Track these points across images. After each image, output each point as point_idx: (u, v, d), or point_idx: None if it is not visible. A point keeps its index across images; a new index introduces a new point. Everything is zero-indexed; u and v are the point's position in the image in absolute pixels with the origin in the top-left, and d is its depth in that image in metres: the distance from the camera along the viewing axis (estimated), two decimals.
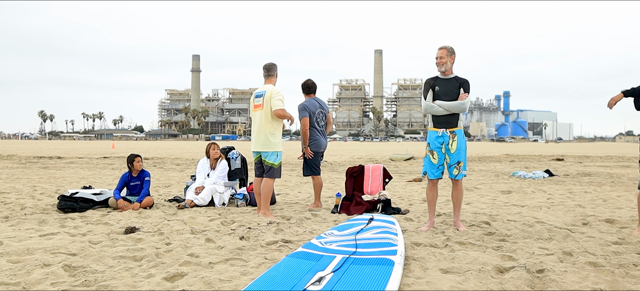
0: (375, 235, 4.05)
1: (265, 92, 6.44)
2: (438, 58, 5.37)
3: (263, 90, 6.50)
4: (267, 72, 6.61)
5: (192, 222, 5.99)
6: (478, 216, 6.28)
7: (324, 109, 7.36)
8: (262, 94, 6.47)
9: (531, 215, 6.43)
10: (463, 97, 5.37)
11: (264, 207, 6.42)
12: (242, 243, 4.84)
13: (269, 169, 6.43)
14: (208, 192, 7.33)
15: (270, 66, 6.66)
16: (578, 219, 6.13)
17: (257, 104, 6.52)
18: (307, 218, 6.22)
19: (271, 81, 6.59)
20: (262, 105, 6.42)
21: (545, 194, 8.84)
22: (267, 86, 6.54)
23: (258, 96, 6.54)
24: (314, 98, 7.35)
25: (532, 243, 4.71)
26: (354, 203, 6.73)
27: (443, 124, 5.37)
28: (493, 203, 7.62)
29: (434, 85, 5.42)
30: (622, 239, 4.89)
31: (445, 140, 5.38)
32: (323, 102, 7.44)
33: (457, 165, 5.40)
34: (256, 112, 6.54)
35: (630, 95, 5.18)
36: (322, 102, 7.40)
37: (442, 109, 5.32)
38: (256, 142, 6.50)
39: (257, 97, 6.55)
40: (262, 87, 6.57)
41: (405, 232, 5.26)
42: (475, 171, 14.23)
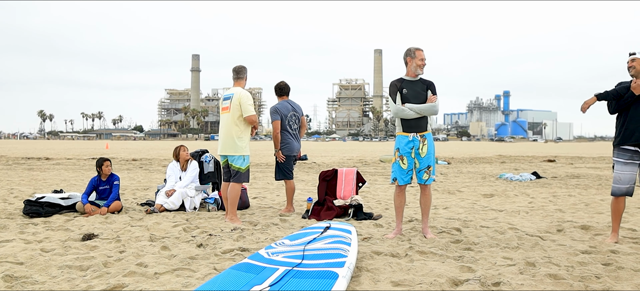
0: (326, 245, 3.86)
1: (233, 95, 6.30)
2: (422, 60, 5.18)
3: (231, 93, 6.36)
4: (237, 75, 6.49)
5: (155, 228, 5.82)
6: (451, 222, 6.10)
7: (297, 112, 7.20)
8: (230, 97, 6.33)
9: (506, 221, 6.24)
10: (433, 100, 5.20)
11: (230, 212, 6.25)
12: (198, 251, 4.67)
13: (236, 174, 6.25)
14: (178, 196, 7.15)
15: (240, 69, 6.53)
16: (554, 225, 5.94)
17: (225, 107, 6.37)
18: (274, 224, 6.05)
19: (240, 84, 6.47)
20: (229, 108, 6.28)
21: (528, 197, 8.65)
22: (235, 88, 6.41)
23: (226, 98, 6.40)
24: (286, 101, 7.20)
25: (497, 252, 4.53)
26: (325, 208, 6.55)
27: (413, 128, 5.19)
28: (472, 208, 7.43)
29: (402, 88, 5.23)
30: (593, 248, 4.70)
31: (415, 145, 5.19)
32: (296, 104, 7.27)
33: (427, 170, 5.22)
34: (224, 115, 6.40)
35: (604, 98, 5.00)
36: (295, 105, 7.24)
37: (413, 112, 5.14)
38: (223, 145, 6.35)
39: (225, 100, 6.40)
40: (231, 90, 6.43)
41: (370, 239, 5.09)
42: (464, 173, 14.04)
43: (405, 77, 5.29)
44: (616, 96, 4.94)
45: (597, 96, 4.98)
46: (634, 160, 4.95)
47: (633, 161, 4.95)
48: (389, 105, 4.99)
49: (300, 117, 7.23)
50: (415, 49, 5.20)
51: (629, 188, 5.00)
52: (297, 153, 7.21)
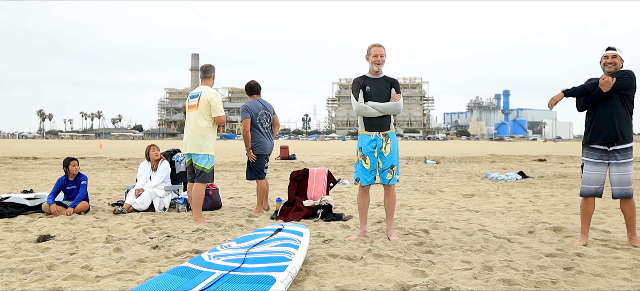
0: (272, 248, 3.70)
1: (201, 93, 6.20)
2: (379, 56, 5.02)
3: (199, 91, 6.26)
4: (204, 74, 6.42)
5: (116, 229, 5.67)
6: (422, 223, 5.94)
7: (269, 111, 7.09)
8: (197, 95, 6.22)
9: (479, 222, 6.08)
10: (396, 98, 5.04)
11: (195, 213, 6.12)
12: (150, 253, 4.53)
13: (200, 173, 6.12)
14: (147, 196, 7.00)
15: (207, 68, 6.46)
16: (526, 226, 5.78)
17: (192, 105, 6.26)
18: (239, 226, 5.89)
19: (208, 83, 6.39)
20: (196, 106, 6.17)
21: (508, 198, 8.49)
22: (204, 87, 6.31)
23: (193, 96, 6.29)
24: (257, 99, 7.10)
25: (458, 255, 4.37)
26: (294, 209, 6.39)
27: (376, 126, 5.03)
28: (448, 208, 7.27)
29: (364, 85, 5.07)
30: (559, 251, 4.55)
31: (378, 144, 5.03)
32: (268, 103, 7.16)
33: (391, 169, 5.06)
34: (191, 112, 6.28)
35: (571, 95, 4.83)
36: (266, 104, 7.12)
37: (376, 110, 4.98)
38: (188, 143, 6.22)
39: (193, 98, 6.29)
40: (198, 88, 6.33)
41: (331, 241, 4.93)
42: (450, 172, 13.87)
43: (368, 75, 5.13)
44: (584, 92, 4.77)
45: (564, 92, 4.81)
46: (603, 160, 4.78)
47: (602, 161, 4.78)
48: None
49: (271, 116, 7.11)
50: (372, 45, 5.04)
51: (598, 189, 4.84)
52: (269, 152, 7.09)
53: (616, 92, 4.69)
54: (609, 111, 4.70)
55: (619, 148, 4.71)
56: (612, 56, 4.76)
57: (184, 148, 6.32)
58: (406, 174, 13.38)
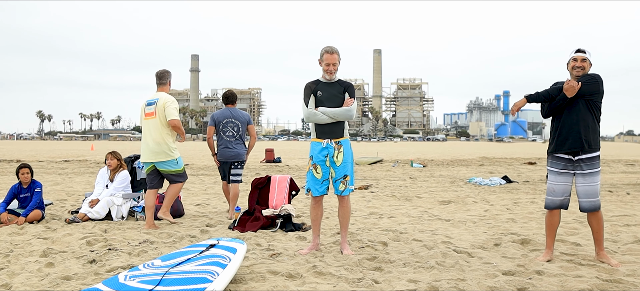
0: (197, 267, 3.40)
1: (157, 100, 6.12)
2: (331, 65, 4.71)
3: (155, 98, 6.17)
4: (159, 80, 6.33)
5: (59, 241, 5.38)
6: (384, 234, 5.63)
7: (239, 120, 7.10)
8: (154, 102, 6.14)
9: (446, 233, 5.77)
10: (349, 103, 4.73)
11: (165, 207, 6.22)
12: (83, 269, 4.24)
13: (172, 177, 6.21)
14: (104, 204, 6.70)
15: (162, 74, 6.35)
16: (494, 238, 5.47)
17: (150, 113, 6.14)
18: (191, 237, 5.58)
19: (164, 89, 6.31)
20: (154, 113, 6.09)
21: (486, 204, 8.18)
22: (160, 93, 6.22)
23: (150, 103, 6.17)
24: (228, 108, 7.19)
25: (408, 272, 4.06)
26: (252, 218, 6.09)
27: (327, 134, 4.73)
28: (419, 217, 6.96)
29: (316, 90, 4.77)
30: (520, 267, 4.24)
31: (330, 152, 4.73)
32: (239, 112, 7.17)
33: (344, 179, 4.76)
34: (148, 120, 6.16)
35: (534, 100, 4.51)
36: (236, 113, 7.14)
37: (326, 117, 4.68)
38: (150, 152, 6.14)
39: (149, 105, 6.17)
40: (154, 95, 6.22)
41: (279, 256, 4.63)
42: (435, 176, 13.55)
43: (321, 79, 4.82)
44: (547, 97, 4.46)
45: (527, 97, 4.50)
46: (568, 170, 4.47)
47: (567, 171, 4.47)
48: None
49: (241, 125, 7.11)
50: (325, 51, 4.72)
51: (564, 201, 4.52)
52: (231, 159, 7.01)
53: (582, 97, 4.38)
54: (574, 118, 4.39)
55: (584, 157, 4.40)
56: (582, 59, 4.44)
57: (143, 157, 6.24)
58: (389, 178, 13.07)
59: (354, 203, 8.36)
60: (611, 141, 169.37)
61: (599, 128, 4.49)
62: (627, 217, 6.92)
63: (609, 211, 7.53)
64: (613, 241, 5.38)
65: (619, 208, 7.80)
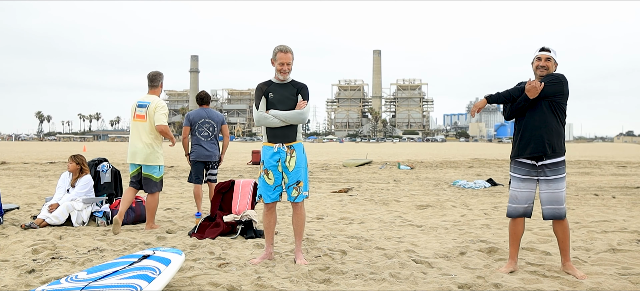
0: (120, 281, 3.16)
1: (149, 103, 6.10)
2: (285, 64, 4.48)
3: (147, 101, 6.14)
4: (151, 83, 6.25)
5: (8, 248, 5.15)
6: (345, 242, 5.38)
7: (214, 120, 7.14)
8: (146, 105, 6.11)
9: (412, 240, 5.53)
10: (302, 106, 4.50)
11: (150, 220, 6.22)
12: (18, 279, 4.03)
13: (150, 183, 6.14)
14: (64, 210, 6.45)
15: (154, 76, 6.26)
16: (462, 246, 5.23)
17: (140, 115, 6.09)
18: (145, 244, 5.34)
19: (156, 92, 6.25)
20: (145, 116, 6.08)
21: (464, 209, 7.93)
22: (151, 96, 6.18)
23: (142, 106, 6.12)
24: (202, 109, 7.16)
25: (357, 285, 3.82)
26: (212, 225, 5.84)
27: (279, 138, 4.49)
28: (391, 223, 6.71)
29: (268, 92, 4.53)
30: (479, 278, 4.00)
31: (281, 157, 4.49)
32: (214, 113, 7.21)
33: (297, 185, 4.52)
34: (138, 123, 6.11)
35: (495, 101, 4.27)
36: (211, 113, 7.16)
37: (277, 120, 4.44)
38: (137, 154, 6.09)
39: (140, 108, 6.12)
40: (146, 98, 6.18)
41: (229, 265, 4.39)
42: (420, 179, 13.29)
43: (274, 80, 4.59)
44: (509, 98, 4.21)
45: (487, 98, 4.25)
46: (531, 176, 4.22)
47: (531, 177, 4.22)
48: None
49: (215, 125, 7.14)
50: (279, 50, 4.49)
51: (527, 209, 4.27)
52: (205, 159, 7.05)
53: (545, 99, 4.14)
54: (537, 121, 4.15)
55: (548, 162, 4.15)
56: (546, 58, 4.20)
57: (132, 159, 6.13)
58: (373, 181, 12.82)
59: (329, 207, 8.11)
60: (611, 141, 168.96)
61: (564, 131, 4.25)
62: (606, 223, 6.68)
63: (589, 216, 7.29)
64: (585, 250, 5.14)
65: (601, 213, 7.55)
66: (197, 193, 7.12)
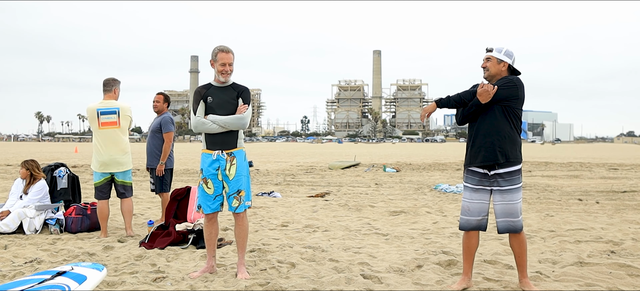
0: None
1: (118, 108, 5.91)
2: (227, 65, 4.21)
3: (115, 107, 5.92)
4: (105, 87, 6.06)
5: None
6: (299, 253, 5.11)
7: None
8: (115, 111, 5.90)
9: (370, 252, 5.25)
10: (242, 110, 4.23)
11: (128, 225, 6.06)
12: None
13: (126, 188, 6.03)
14: (15, 217, 6.19)
15: (108, 81, 6.09)
16: (421, 258, 4.95)
17: (112, 122, 5.88)
18: (88, 256, 5.07)
19: (112, 97, 6.02)
20: (118, 122, 5.89)
21: (439, 215, 7.65)
22: (114, 101, 5.97)
23: (110, 112, 5.88)
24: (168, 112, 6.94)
25: None
26: (164, 233, 5.57)
27: (218, 144, 4.22)
28: (357, 231, 6.43)
29: (206, 95, 4.26)
30: None
31: (221, 164, 4.22)
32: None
33: (238, 195, 4.25)
34: (110, 130, 5.88)
35: (445, 105, 4.00)
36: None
37: (216, 125, 4.17)
38: (115, 162, 5.90)
39: (108, 114, 5.87)
40: (110, 103, 5.94)
41: (164, 280, 4.12)
42: (403, 182, 12.99)
43: (213, 83, 4.32)
44: (459, 102, 3.94)
45: (436, 102, 3.98)
46: (483, 185, 3.94)
47: (483, 187, 3.95)
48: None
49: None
50: (219, 50, 4.21)
51: (481, 221, 3.99)
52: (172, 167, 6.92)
53: (498, 103, 3.86)
54: (489, 127, 3.87)
55: (502, 171, 3.87)
56: (486, 58, 3.93)
57: (104, 168, 5.89)
58: (354, 184, 12.53)
59: (298, 213, 7.84)
60: (611, 142, 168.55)
61: (520, 138, 3.97)
62: (582, 231, 6.39)
63: (567, 223, 7.00)
64: (552, 263, 4.86)
65: (580, 220, 7.27)
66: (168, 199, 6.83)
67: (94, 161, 5.96)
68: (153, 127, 6.77)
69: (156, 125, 6.74)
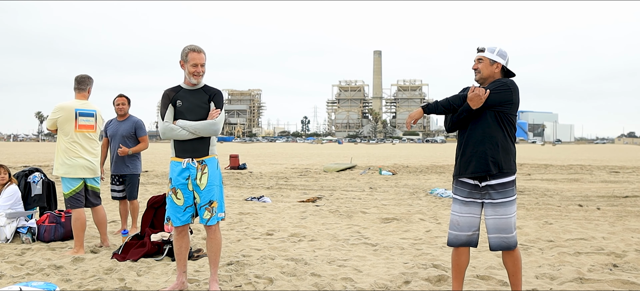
0: None
1: (96, 111, 5.62)
2: (199, 65, 3.89)
3: (93, 109, 5.60)
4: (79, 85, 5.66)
5: None
6: (280, 266, 4.78)
7: None
8: (93, 114, 5.59)
9: (357, 265, 4.92)
10: (214, 115, 3.91)
11: (104, 235, 5.73)
12: None
13: (97, 196, 5.67)
14: None
15: (82, 79, 5.68)
16: (410, 272, 4.63)
17: (90, 125, 5.54)
18: (56, 268, 4.74)
19: (84, 97, 5.63)
20: (95, 126, 5.61)
21: (433, 223, 7.32)
22: (89, 103, 5.63)
23: (89, 115, 5.54)
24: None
25: None
26: (138, 244, 5.25)
27: (188, 152, 3.91)
28: (345, 240, 6.11)
29: (175, 99, 3.94)
30: None
31: (191, 173, 3.90)
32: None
33: (210, 206, 3.93)
34: (88, 133, 5.52)
35: (433, 111, 3.67)
36: None
37: (186, 131, 3.85)
38: (90, 168, 5.51)
39: (87, 117, 5.52)
40: (87, 105, 5.58)
41: None
42: (399, 186, 12.66)
43: (183, 85, 4.00)
44: (448, 107, 3.61)
45: (423, 107, 3.65)
46: (474, 198, 3.62)
47: (474, 200, 3.62)
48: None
49: None
50: (190, 50, 3.88)
51: (472, 237, 3.66)
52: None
53: (491, 109, 3.53)
54: (480, 135, 3.55)
55: (494, 183, 3.55)
56: (477, 59, 3.61)
57: (83, 173, 5.46)
58: (348, 188, 12.20)
59: (286, 220, 7.51)
60: (611, 142, 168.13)
61: (514, 147, 3.64)
62: (583, 241, 6.07)
63: (566, 232, 6.68)
64: (550, 278, 4.54)
65: (581, 228, 6.94)
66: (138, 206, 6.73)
67: (63, 165, 5.37)
68: (124, 132, 6.41)
69: (128, 130, 6.42)
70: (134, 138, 6.44)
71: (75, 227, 5.42)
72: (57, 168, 5.40)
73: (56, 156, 5.46)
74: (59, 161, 5.40)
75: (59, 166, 5.39)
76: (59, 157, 5.42)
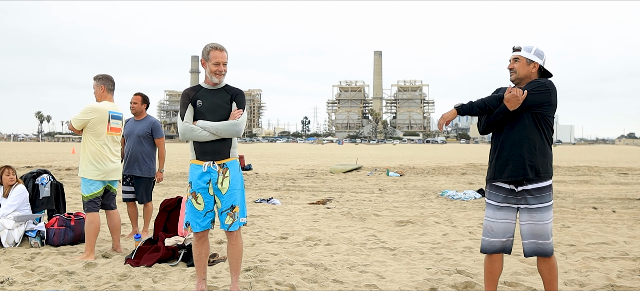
0: None
1: (122, 114, 5.56)
2: (221, 64, 3.75)
3: (120, 112, 5.51)
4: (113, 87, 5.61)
5: None
6: (300, 272, 4.63)
7: None
8: (120, 117, 5.51)
9: (379, 270, 4.77)
10: (236, 115, 3.76)
11: (117, 242, 5.53)
12: None
13: (114, 198, 5.52)
14: None
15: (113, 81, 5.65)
16: (435, 279, 4.48)
17: (117, 128, 5.44)
18: (69, 274, 4.59)
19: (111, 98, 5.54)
20: (120, 130, 5.53)
21: (449, 226, 7.17)
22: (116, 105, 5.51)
23: (118, 117, 5.46)
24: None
25: None
26: (152, 249, 5.10)
27: (209, 154, 3.75)
28: (362, 244, 5.96)
29: (195, 99, 3.79)
30: None
31: (212, 177, 3.75)
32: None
33: (232, 211, 3.78)
34: (117, 136, 5.44)
35: (467, 112, 3.52)
36: None
37: (206, 132, 3.70)
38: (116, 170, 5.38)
39: (117, 119, 5.43)
40: (116, 107, 5.48)
41: None
42: (408, 188, 12.51)
43: (204, 85, 3.85)
44: (484, 109, 3.46)
45: (457, 108, 3.50)
46: (510, 203, 3.47)
47: (509, 205, 3.47)
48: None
49: None
50: (212, 47, 3.74)
51: (506, 243, 3.52)
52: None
53: (528, 110, 3.38)
54: (517, 137, 3.40)
55: (530, 187, 3.40)
56: (513, 58, 3.47)
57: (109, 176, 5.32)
58: (357, 190, 12.05)
59: (298, 223, 7.36)
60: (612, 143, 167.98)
61: (551, 150, 3.49)
62: (605, 246, 5.92)
63: (586, 236, 6.52)
64: (579, 285, 4.39)
65: (600, 232, 6.79)
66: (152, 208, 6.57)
67: (93, 168, 5.19)
68: (141, 132, 6.25)
69: (145, 130, 6.26)
70: (150, 139, 6.29)
71: (88, 231, 5.24)
72: (88, 171, 5.19)
73: (83, 157, 5.25)
74: (89, 164, 5.20)
75: (89, 169, 5.19)
76: (87, 159, 5.22)
